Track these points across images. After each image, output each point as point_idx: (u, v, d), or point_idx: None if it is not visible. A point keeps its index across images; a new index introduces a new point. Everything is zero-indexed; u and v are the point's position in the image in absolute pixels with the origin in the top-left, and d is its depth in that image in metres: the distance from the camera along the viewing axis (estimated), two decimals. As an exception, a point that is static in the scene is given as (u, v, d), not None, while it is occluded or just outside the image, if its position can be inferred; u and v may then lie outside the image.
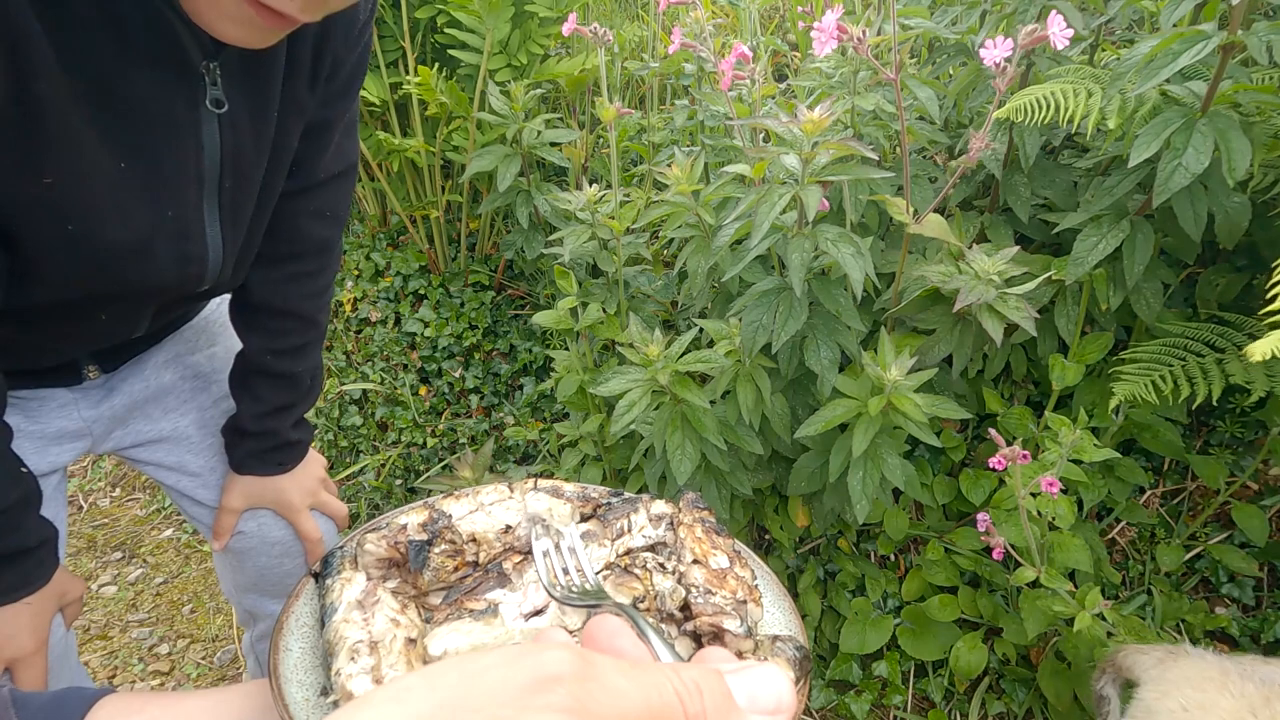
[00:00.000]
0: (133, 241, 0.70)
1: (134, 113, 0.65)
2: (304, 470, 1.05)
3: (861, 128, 1.24)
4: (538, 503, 0.63)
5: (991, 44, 0.89)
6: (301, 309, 0.96)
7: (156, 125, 0.67)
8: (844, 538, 1.55)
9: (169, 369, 0.98)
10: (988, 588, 1.42)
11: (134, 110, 0.65)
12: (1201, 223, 1.10)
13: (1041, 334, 1.34)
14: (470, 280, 2.11)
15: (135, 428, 0.98)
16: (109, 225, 0.67)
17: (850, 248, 1.02)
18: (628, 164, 1.99)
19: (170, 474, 1.02)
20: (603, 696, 0.25)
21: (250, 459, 1.00)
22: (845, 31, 0.93)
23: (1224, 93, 1.02)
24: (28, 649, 0.79)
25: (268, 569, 1.07)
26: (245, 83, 0.71)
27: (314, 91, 0.81)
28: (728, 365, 1.20)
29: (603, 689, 0.25)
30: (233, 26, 0.60)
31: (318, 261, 0.96)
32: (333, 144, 0.89)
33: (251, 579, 1.08)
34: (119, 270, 0.72)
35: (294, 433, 1.02)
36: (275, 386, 0.97)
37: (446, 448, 2.00)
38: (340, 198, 0.96)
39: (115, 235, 0.68)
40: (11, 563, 0.76)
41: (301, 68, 0.77)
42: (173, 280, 0.78)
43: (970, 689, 1.42)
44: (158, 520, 2.15)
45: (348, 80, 0.85)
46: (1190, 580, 1.42)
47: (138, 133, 0.66)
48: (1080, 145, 1.40)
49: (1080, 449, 1.14)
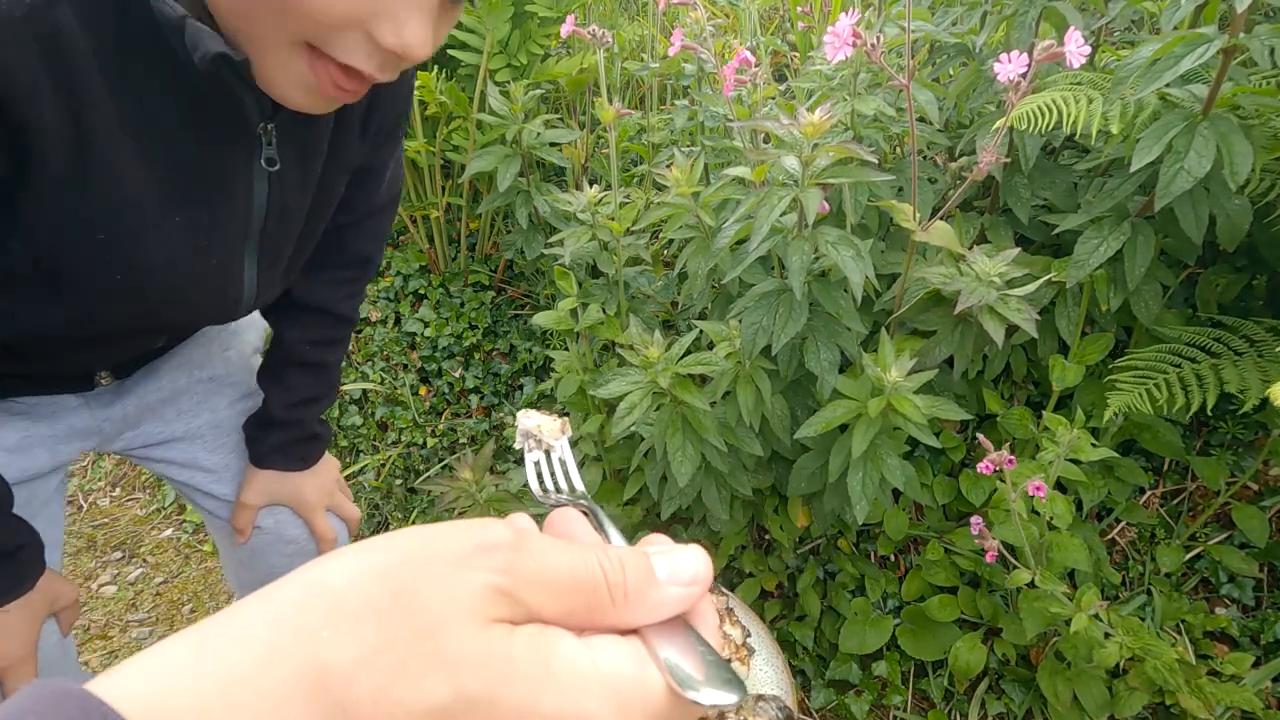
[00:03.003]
0: (176, 289, 0.72)
1: (191, 171, 0.66)
2: (322, 469, 1.06)
3: (861, 130, 1.24)
4: (528, 419, 0.64)
5: (1006, 59, 0.88)
6: (338, 308, 0.99)
7: (211, 182, 0.68)
8: (844, 538, 1.55)
9: (183, 372, 0.99)
10: (987, 588, 1.42)
11: (191, 169, 0.66)
12: (1203, 225, 1.10)
13: (1042, 335, 1.34)
14: (470, 280, 2.11)
15: (147, 429, 0.98)
16: (156, 275, 0.69)
17: (850, 250, 1.02)
18: (627, 164, 1.99)
19: (183, 470, 1.03)
20: (531, 563, 0.29)
21: (274, 453, 1.01)
22: (859, 37, 0.93)
23: (1224, 95, 1.02)
24: (15, 656, 0.78)
25: (278, 568, 1.08)
26: (296, 139, 0.72)
27: (364, 141, 0.82)
28: (728, 367, 1.20)
29: (532, 557, 0.29)
30: (303, 94, 0.60)
31: (359, 270, 1.00)
32: (384, 182, 0.93)
33: (261, 576, 1.08)
34: (157, 312, 0.75)
35: (318, 427, 1.04)
36: (307, 376, 1.00)
37: (446, 448, 2.00)
38: (388, 220, 1.00)
39: (160, 283, 0.70)
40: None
41: (352, 121, 0.79)
42: (207, 319, 0.83)
43: (970, 689, 1.42)
44: (158, 520, 2.15)
45: (395, 122, 0.87)
46: (1190, 581, 1.42)
47: (192, 189, 0.67)
48: (1081, 147, 1.40)
49: (1078, 448, 1.14)
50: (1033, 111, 1.00)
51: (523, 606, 0.28)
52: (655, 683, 0.29)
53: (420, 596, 0.27)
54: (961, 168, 1.32)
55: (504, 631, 0.27)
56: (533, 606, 0.29)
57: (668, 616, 0.32)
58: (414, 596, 0.27)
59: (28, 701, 0.23)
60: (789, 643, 1.52)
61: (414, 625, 0.26)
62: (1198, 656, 1.33)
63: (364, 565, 0.28)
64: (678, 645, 0.31)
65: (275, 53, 0.57)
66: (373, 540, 0.29)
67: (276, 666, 0.25)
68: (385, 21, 0.55)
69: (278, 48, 0.57)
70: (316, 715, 0.25)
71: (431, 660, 0.26)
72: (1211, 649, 1.35)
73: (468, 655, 0.26)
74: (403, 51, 0.56)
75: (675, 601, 0.32)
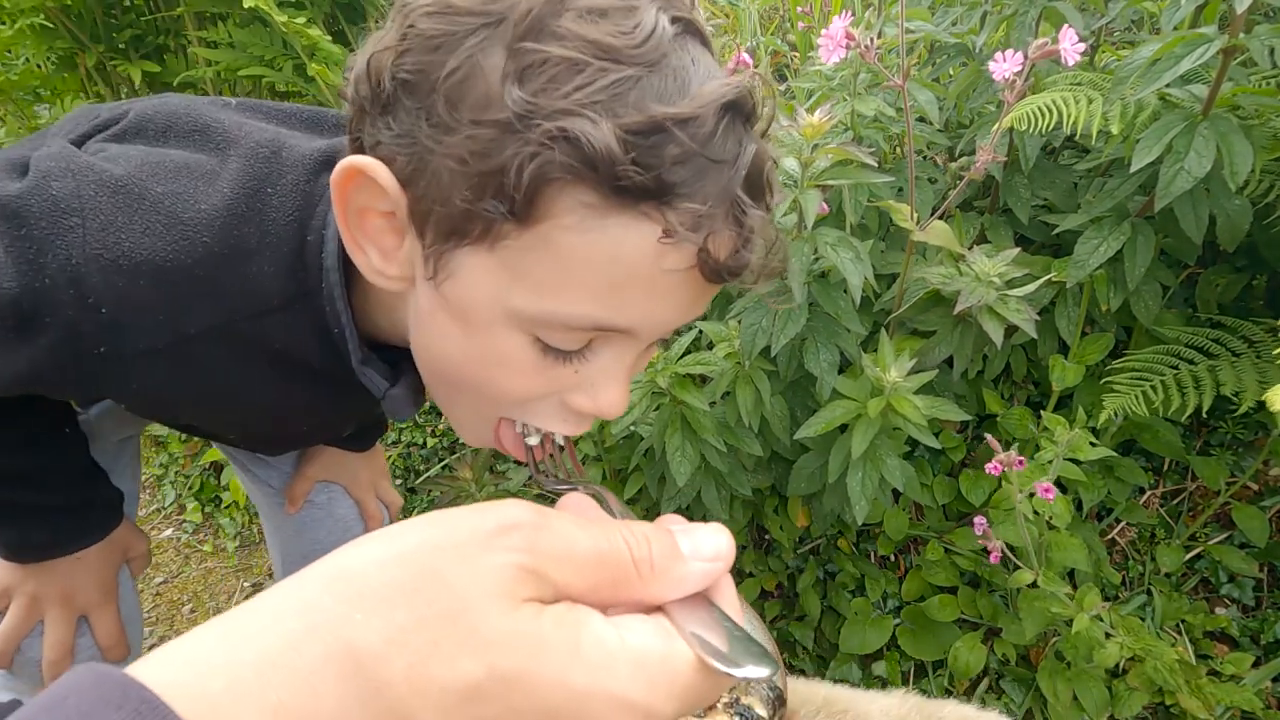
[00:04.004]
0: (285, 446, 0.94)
1: (324, 406, 0.75)
2: (375, 456, 1.12)
3: (861, 130, 1.24)
4: None
5: (1001, 57, 0.88)
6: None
7: (340, 411, 0.79)
8: (844, 538, 1.55)
9: None
10: (987, 588, 1.42)
11: (324, 405, 0.74)
12: (1203, 225, 1.10)
13: (1042, 335, 1.34)
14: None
15: None
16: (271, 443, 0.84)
17: (849, 252, 1.02)
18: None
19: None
20: (554, 540, 0.29)
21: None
22: (853, 38, 0.93)
23: (1224, 95, 1.02)
24: (96, 600, 0.83)
25: (324, 543, 1.11)
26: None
27: None
28: (727, 367, 1.20)
29: (553, 534, 0.29)
30: (478, 440, 0.62)
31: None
32: None
33: (306, 549, 1.12)
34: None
35: (382, 415, 1.08)
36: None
37: (446, 448, 2.00)
38: None
39: (266, 444, 0.88)
40: (73, 515, 0.80)
41: None
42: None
43: (970, 689, 1.42)
44: (158, 520, 2.15)
45: None
46: (1190, 580, 1.42)
47: (317, 414, 0.77)
48: (1081, 147, 1.40)
49: (1077, 448, 1.14)
50: (1033, 112, 1.00)
51: (549, 584, 0.28)
52: (683, 658, 0.29)
53: (446, 578, 0.27)
54: (961, 168, 1.31)
55: (533, 610, 0.27)
56: (559, 584, 0.29)
57: (692, 592, 0.32)
58: (440, 579, 0.27)
59: (71, 684, 0.24)
60: (789, 643, 1.52)
61: (443, 606, 0.26)
62: (1198, 656, 1.33)
63: (388, 551, 0.28)
64: (702, 621, 0.31)
65: (466, 416, 0.61)
66: (391, 528, 0.29)
67: (309, 648, 0.25)
68: (581, 393, 0.55)
69: (472, 416, 0.60)
70: (350, 695, 0.25)
71: (464, 640, 0.26)
72: (1211, 649, 1.35)
73: (499, 634, 0.26)
74: (597, 415, 0.56)
75: (699, 576, 0.32)
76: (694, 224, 0.45)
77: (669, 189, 0.45)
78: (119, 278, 0.54)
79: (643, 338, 0.53)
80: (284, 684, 0.25)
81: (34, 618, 0.80)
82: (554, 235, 0.46)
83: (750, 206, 0.48)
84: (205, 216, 0.56)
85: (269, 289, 0.58)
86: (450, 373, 0.56)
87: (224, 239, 0.56)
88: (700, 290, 0.51)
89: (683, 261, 0.47)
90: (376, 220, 0.52)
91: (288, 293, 0.58)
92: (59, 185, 0.54)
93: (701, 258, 0.47)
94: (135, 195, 0.55)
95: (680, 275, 0.48)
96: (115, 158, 0.57)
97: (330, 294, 0.58)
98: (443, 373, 0.57)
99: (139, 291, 0.54)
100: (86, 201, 0.54)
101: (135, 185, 0.55)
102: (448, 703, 0.26)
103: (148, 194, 0.55)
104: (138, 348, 0.56)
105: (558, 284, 0.48)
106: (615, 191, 0.44)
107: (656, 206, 0.45)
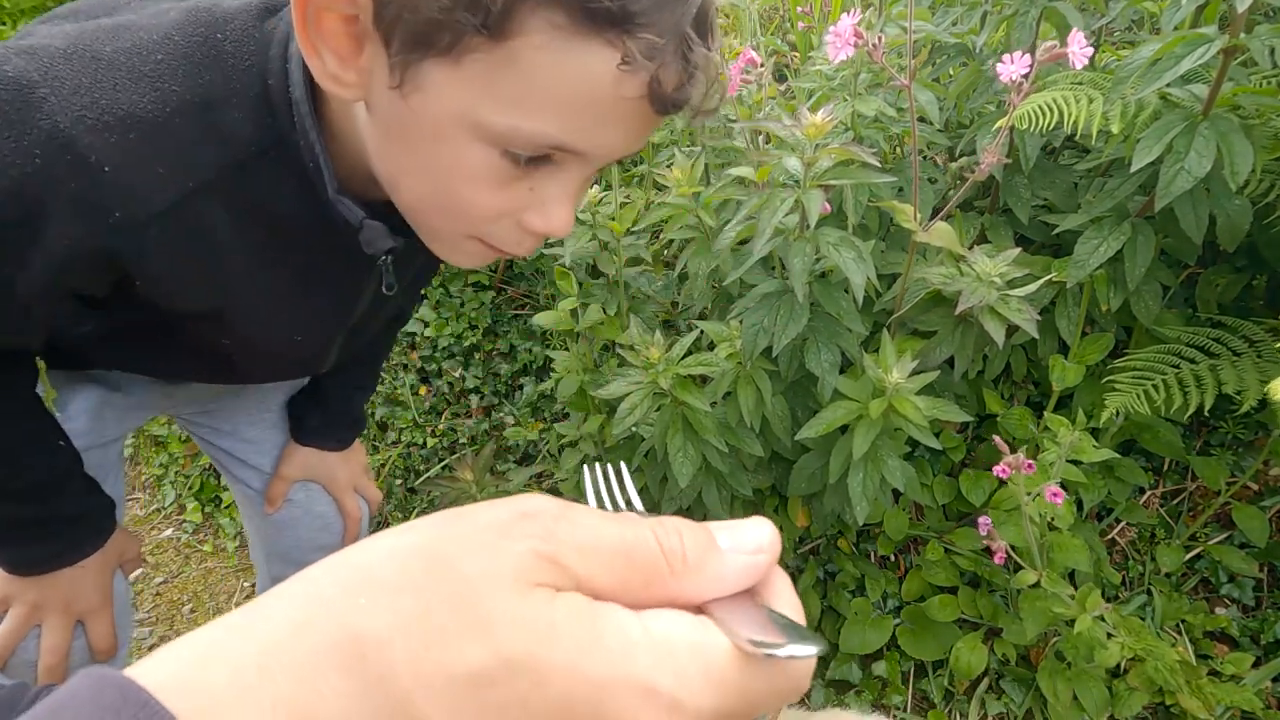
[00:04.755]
0: (268, 367, 0.85)
1: (318, 288, 0.74)
2: (354, 454, 1.13)
3: (862, 130, 1.24)
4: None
5: (1009, 59, 0.88)
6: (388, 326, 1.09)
7: (329, 294, 0.76)
8: (844, 538, 1.56)
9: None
10: (988, 588, 1.42)
11: (315, 284, 0.73)
12: (1203, 225, 1.10)
13: (1042, 335, 1.34)
14: (470, 280, 2.11)
15: (207, 405, 1.06)
16: (255, 354, 0.78)
17: (852, 252, 1.02)
18: (628, 164, 1.98)
19: (226, 438, 1.08)
20: (575, 530, 0.27)
21: (317, 432, 1.07)
22: (861, 37, 0.93)
23: (1224, 95, 1.02)
24: (94, 605, 0.84)
25: (304, 540, 1.12)
26: (402, 260, 0.76)
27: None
28: (728, 368, 1.20)
29: (574, 524, 0.27)
30: (465, 259, 0.65)
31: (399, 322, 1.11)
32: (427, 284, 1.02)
33: (287, 547, 1.13)
34: (246, 377, 0.88)
35: (359, 413, 1.11)
36: (358, 365, 1.06)
37: (446, 448, 2.00)
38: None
39: (255, 360, 0.81)
40: (74, 525, 0.82)
41: None
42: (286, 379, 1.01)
43: (970, 689, 1.42)
44: (158, 520, 2.14)
45: None
46: (1190, 580, 1.42)
47: (311, 296, 0.74)
48: (1081, 147, 1.40)
49: (1079, 449, 1.14)
50: (1033, 111, 1.00)
51: (568, 574, 0.27)
52: (717, 646, 0.26)
53: (459, 566, 0.26)
54: (962, 168, 1.32)
55: (546, 595, 0.26)
56: (580, 575, 0.27)
57: (734, 589, 0.29)
58: (452, 567, 0.26)
59: (71, 688, 0.23)
60: (789, 643, 1.52)
61: (452, 593, 0.25)
62: (1198, 656, 1.33)
63: (399, 542, 0.27)
64: (751, 621, 0.27)
65: (448, 238, 0.64)
66: (404, 524, 0.28)
67: (310, 635, 0.25)
68: (534, 213, 0.59)
69: (451, 237, 0.63)
70: (352, 683, 0.24)
71: (469, 624, 0.25)
72: (1211, 649, 1.35)
73: (506, 617, 0.25)
74: (548, 234, 0.60)
75: (741, 570, 0.29)
76: (649, 53, 0.49)
77: (630, 18, 0.48)
78: (110, 134, 0.53)
79: (592, 162, 0.57)
80: (285, 672, 0.24)
81: (32, 623, 0.81)
82: (523, 53, 0.49)
83: (696, 43, 0.51)
84: (166, 67, 0.55)
85: (245, 135, 0.58)
86: (416, 190, 0.59)
87: (192, 87, 0.56)
88: (646, 121, 0.55)
89: (636, 90, 0.51)
90: (334, 23, 0.52)
91: (263, 140, 0.59)
92: (11, 66, 0.52)
93: (652, 87, 0.51)
94: (89, 57, 0.54)
95: (632, 103, 0.52)
96: (51, 34, 0.56)
97: (302, 125, 0.59)
98: (410, 191, 0.60)
99: (134, 145, 0.54)
100: (47, 71, 0.53)
101: (84, 49, 0.54)
102: (455, 691, 0.24)
103: (101, 54, 0.54)
104: (150, 209, 0.56)
105: (523, 101, 0.51)
106: (584, 15, 0.47)
107: (619, 34, 0.48)
